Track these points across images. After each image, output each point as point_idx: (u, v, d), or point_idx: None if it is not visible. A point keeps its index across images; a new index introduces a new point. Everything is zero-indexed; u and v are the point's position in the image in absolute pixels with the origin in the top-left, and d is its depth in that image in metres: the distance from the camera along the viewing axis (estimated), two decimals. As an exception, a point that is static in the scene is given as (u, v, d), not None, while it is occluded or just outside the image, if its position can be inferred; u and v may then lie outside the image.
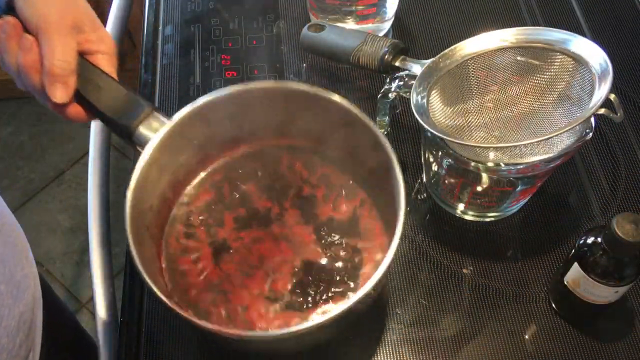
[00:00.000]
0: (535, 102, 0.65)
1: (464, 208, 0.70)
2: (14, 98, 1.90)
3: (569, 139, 0.62)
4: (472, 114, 0.66)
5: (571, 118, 0.61)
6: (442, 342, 0.64)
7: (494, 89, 0.67)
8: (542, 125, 0.63)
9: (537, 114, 0.64)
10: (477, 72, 0.66)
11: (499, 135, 0.65)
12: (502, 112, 0.66)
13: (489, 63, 0.66)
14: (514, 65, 0.65)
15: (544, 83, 0.64)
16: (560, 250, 0.69)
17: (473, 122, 0.65)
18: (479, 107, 0.66)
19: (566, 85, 0.63)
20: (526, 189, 0.66)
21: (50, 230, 1.70)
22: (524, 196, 0.68)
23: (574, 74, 0.62)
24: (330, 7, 0.81)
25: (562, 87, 0.63)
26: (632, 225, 0.53)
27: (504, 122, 0.65)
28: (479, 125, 0.65)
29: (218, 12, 0.90)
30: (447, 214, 0.72)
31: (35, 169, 1.80)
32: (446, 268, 0.69)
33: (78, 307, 1.59)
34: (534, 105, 0.65)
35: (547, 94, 0.64)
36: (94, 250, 0.71)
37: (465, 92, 0.67)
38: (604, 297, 0.59)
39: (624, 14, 0.88)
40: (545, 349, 0.63)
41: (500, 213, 0.70)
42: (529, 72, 0.65)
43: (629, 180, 0.74)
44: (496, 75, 0.66)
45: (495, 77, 0.66)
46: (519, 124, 0.65)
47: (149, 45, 0.87)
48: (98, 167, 0.78)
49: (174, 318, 0.66)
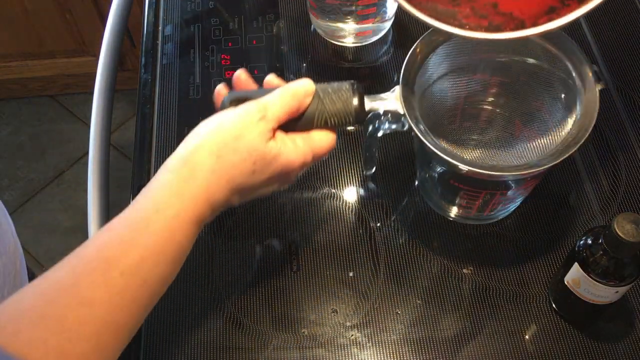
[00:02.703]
0: (530, 102, 0.65)
1: (458, 212, 0.70)
2: (14, 98, 1.90)
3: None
4: (462, 119, 0.66)
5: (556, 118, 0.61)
6: (442, 342, 0.64)
7: (478, 92, 0.67)
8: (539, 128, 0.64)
9: (534, 118, 0.65)
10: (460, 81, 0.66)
11: (488, 139, 0.65)
12: (491, 115, 0.66)
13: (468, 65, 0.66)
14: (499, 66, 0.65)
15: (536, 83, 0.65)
16: (560, 250, 0.69)
17: (465, 126, 0.65)
18: (469, 113, 0.66)
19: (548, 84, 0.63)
20: (520, 190, 0.66)
21: (50, 230, 1.70)
22: (520, 196, 0.68)
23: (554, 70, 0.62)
24: (330, 7, 0.81)
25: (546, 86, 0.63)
26: (632, 225, 0.53)
27: (494, 126, 0.65)
28: (469, 129, 0.65)
29: (218, 12, 0.90)
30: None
31: (35, 169, 1.80)
32: (446, 268, 0.69)
33: (78, 307, 1.58)
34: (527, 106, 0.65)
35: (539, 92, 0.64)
36: (94, 250, 0.72)
37: (452, 101, 0.66)
38: (604, 297, 0.59)
39: (624, 14, 0.88)
40: (545, 349, 0.63)
41: (494, 215, 0.70)
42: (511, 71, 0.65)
43: (629, 180, 0.74)
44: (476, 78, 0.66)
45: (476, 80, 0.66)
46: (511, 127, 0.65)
47: (149, 45, 0.87)
48: (98, 167, 0.78)
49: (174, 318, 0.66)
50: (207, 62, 0.85)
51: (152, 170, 0.76)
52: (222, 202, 0.53)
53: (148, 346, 0.65)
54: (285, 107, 0.55)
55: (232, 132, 0.52)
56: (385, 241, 0.70)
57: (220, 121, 0.53)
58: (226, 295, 0.68)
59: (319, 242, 0.71)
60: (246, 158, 0.52)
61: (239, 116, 0.53)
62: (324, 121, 0.57)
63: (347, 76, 0.83)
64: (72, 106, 1.91)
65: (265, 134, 0.53)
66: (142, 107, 0.81)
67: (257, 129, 0.53)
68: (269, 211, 0.73)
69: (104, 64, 0.85)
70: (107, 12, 0.89)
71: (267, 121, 0.53)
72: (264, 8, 0.90)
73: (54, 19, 1.64)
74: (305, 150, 0.56)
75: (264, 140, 0.53)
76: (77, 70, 1.80)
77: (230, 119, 0.53)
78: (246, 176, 0.53)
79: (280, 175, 0.55)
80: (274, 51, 0.86)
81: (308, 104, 0.56)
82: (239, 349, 0.64)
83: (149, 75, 0.84)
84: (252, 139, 0.52)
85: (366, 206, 0.73)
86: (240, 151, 0.52)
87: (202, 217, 0.52)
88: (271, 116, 0.53)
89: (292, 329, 0.65)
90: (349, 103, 0.57)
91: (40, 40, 1.70)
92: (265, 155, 0.53)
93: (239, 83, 0.60)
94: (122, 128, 1.86)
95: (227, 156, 0.52)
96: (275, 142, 0.54)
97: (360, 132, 0.78)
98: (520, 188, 0.65)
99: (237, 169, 0.52)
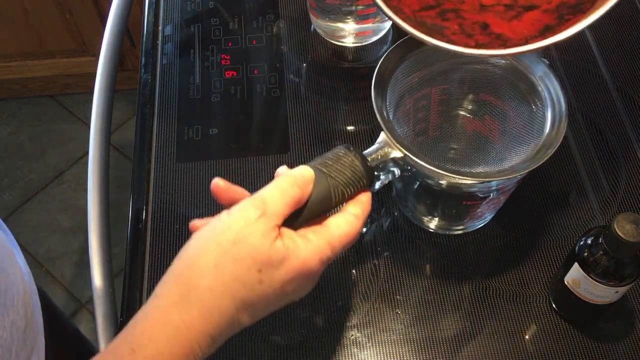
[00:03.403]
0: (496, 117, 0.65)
1: (437, 223, 0.70)
2: (14, 98, 1.90)
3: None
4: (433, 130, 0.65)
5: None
6: (442, 342, 0.64)
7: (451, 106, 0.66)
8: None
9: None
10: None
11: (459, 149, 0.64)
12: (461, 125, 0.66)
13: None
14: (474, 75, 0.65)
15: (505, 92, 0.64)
16: (560, 250, 0.69)
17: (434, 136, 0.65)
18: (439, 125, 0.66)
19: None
20: (497, 198, 0.65)
21: (50, 230, 1.70)
22: (495, 205, 0.67)
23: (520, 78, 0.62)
24: (330, 7, 0.81)
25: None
26: (632, 225, 0.53)
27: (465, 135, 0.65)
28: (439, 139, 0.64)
29: (218, 12, 0.90)
30: (447, 214, 0.72)
31: (35, 169, 1.80)
32: (446, 268, 0.69)
33: (78, 307, 1.59)
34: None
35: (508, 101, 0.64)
36: (94, 250, 0.71)
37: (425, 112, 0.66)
38: (604, 297, 0.59)
39: (625, 14, 0.88)
40: (545, 349, 0.63)
41: (471, 225, 0.70)
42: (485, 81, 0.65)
43: (629, 180, 0.74)
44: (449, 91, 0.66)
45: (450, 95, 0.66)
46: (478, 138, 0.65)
47: (149, 45, 0.87)
48: (98, 167, 0.77)
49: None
50: (207, 62, 0.85)
51: (152, 170, 0.76)
52: (226, 326, 0.44)
53: (148, 346, 0.65)
54: (286, 197, 0.47)
55: (229, 237, 0.44)
56: (385, 241, 0.70)
57: (213, 227, 0.46)
58: (226, 295, 0.68)
59: (319, 242, 0.71)
60: (250, 266, 0.44)
61: (233, 217, 0.45)
62: (341, 195, 0.51)
63: (348, 76, 0.83)
64: (72, 106, 1.91)
65: (269, 234, 0.45)
66: (142, 107, 0.81)
67: (257, 229, 0.44)
68: (269, 211, 0.73)
69: (104, 64, 0.85)
70: (107, 12, 0.89)
71: (267, 218, 0.45)
72: (264, 8, 0.90)
73: (54, 19, 1.64)
74: (320, 244, 0.47)
75: (267, 241, 0.44)
76: (77, 70, 1.80)
77: (224, 223, 0.45)
78: (253, 288, 0.44)
79: (296, 280, 0.46)
80: (274, 51, 0.86)
81: (311, 189, 0.49)
82: (239, 348, 0.64)
83: (149, 75, 0.84)
84: (254, 241, 0.44)
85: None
86: (241, 258, 0.44)
87: (196, 351, 0.42)
88: (272, 211, 0.46)
89: (292, 329, 0.65)
90: (355, 166, 0.52)
91: (40, 40, 1.70)
92: (271, 259, 0.44)
93: (220, 191, 0.50)
94: (122, 128, 1.86)
95: (227, 267, 0.44)
96: (282, 242, 0.45)
97: (360, 133, 0.78)
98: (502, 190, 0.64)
99: (240, 281, 0.44)
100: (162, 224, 0.72)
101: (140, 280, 0.68)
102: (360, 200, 0.51)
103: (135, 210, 0.73)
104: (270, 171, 0.75)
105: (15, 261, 0.61)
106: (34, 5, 1.60)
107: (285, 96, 0.81)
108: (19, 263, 0.62)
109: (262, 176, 0.75)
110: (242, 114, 0.80)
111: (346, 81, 0.83)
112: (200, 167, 0.76)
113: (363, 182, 0.52)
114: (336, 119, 0.80)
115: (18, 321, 0.57)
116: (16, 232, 1.69)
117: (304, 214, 0.49)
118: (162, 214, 0.73)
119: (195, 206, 0.73)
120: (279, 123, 0.79)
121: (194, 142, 0.78)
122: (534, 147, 0.59)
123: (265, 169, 0.75)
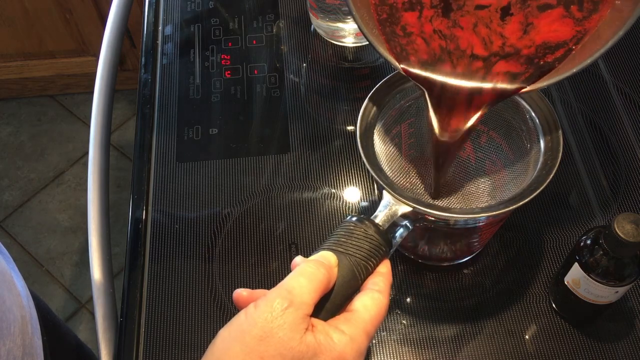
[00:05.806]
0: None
1: (424, 257, 0.69)
2: (14, 98, 1.90)
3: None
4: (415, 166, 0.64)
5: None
6: (442, 342, 0.64)
7: None
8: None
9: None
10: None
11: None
12: None
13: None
14: None
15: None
16: (560, 250, 0.69)
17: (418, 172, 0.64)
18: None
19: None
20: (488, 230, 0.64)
21: (50, 230, 1.70)
22: (487, 236, 0.67)
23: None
24: (330, 7, 0.81)
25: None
26: (632, 226, 0.52)
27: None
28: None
29: (218, 12, 0.90)
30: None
31: (35, 169, 1.80)
32: (446, 268, 0.69)
33: (78, 307, 1.59)
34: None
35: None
36: (94, 250, 0.71)
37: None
38: (604, 297, 0.59)
39: (624, 14, 0.88)
40: (545, 349, 0.63)
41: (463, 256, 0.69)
42: None
43: (629, 180, 0.74)
44: None
45: None
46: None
47: (149, 45, 0.87)
48: (98, 167, 0.78)
49: (174, 318, 0.66)
50: (207, 62, 0.85)
51: (152, 170, 0.76)
52: None
53: (148, 346, 0.65)
54: (313, 282, 0.43)
55: (255, 334, 0.41)
56: (385, 241, 0.70)
57: (239, 324, 0.42)
58: (226, 295, 0.68)
59: (319, 242, 0.71)
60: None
61: (259, 311, 0.42)
62: (365, 271, 0.48)
63: (348, 76, 0.83)
64: (72, 106, 1.91)
65: (298, 326, 0.41)
66: (142, 107, 0.81)
67: (285, 322, 0.41)
68: (269, 211, 0.73)
69: (104, 64, 0.85)
70: (107, 12, 0.89)
71: (295, 308, 0.42)
72: (264, 8, 0.90)
73: (54, 19, 1.64)
74: (354, 333, 0.44)
75: (297, 334, 0.41)
76: (77, 70, 1.80)
77: (250, 318, 0.42)
78: None
79: None
80: (274, 51, 0.86)
81: (336, 272, 0.46)
82: None
83: (149, 75, 0.84)
84: (282, 336, 0.41)
85: (366, 206, 0.73)
86: (269, 356, 0.40)
87: None
88: (299, 300, 0.42)
89: (292, 329, 0.65)
90: (370, 237, 0.49)
91: (40, 40, 1.70)
92: (303, 355, 0.41)
93: (243, 300, 0.46)
94: (122, 128, 1.86)
95: None
96: (314, 336, 0.42)
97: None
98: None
99: None
100: (162, 223, 0.72)
101: (140, 280, 0.68)
102: (381, 273, 0.49)
103: (135, 210, 0.73)
104: (270, 171, 0.75)
105: (14, 285, 0.59)
106: (34, 5, 1.60)
107: (285, 96, 0.81)
108: (17, 288, 0.60)
109: (262, 176, 0.75)
110: (242, 114, 0.80)
111: (346, 81, 0.83)
112: (200, 167, 0.76)
113: (382, 250, 0.49)
114: (336, 119, 0.80)
115: (15, 349, 0.55)
116: (16, 232, 1.70)
117: (333, 299, 0.46)
118: (162, 213, 0.73)
119: (195, 206, 0.73)
120: (279, 123, 0.79)
121: (194, 142, 0.78)
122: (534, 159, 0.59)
123: (265, 169, 0.75)
